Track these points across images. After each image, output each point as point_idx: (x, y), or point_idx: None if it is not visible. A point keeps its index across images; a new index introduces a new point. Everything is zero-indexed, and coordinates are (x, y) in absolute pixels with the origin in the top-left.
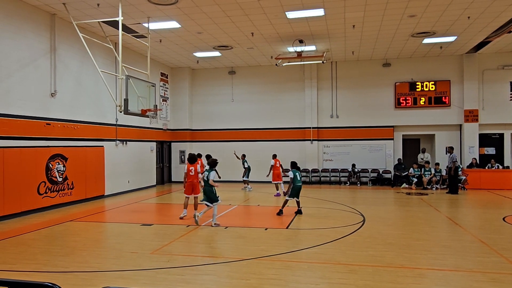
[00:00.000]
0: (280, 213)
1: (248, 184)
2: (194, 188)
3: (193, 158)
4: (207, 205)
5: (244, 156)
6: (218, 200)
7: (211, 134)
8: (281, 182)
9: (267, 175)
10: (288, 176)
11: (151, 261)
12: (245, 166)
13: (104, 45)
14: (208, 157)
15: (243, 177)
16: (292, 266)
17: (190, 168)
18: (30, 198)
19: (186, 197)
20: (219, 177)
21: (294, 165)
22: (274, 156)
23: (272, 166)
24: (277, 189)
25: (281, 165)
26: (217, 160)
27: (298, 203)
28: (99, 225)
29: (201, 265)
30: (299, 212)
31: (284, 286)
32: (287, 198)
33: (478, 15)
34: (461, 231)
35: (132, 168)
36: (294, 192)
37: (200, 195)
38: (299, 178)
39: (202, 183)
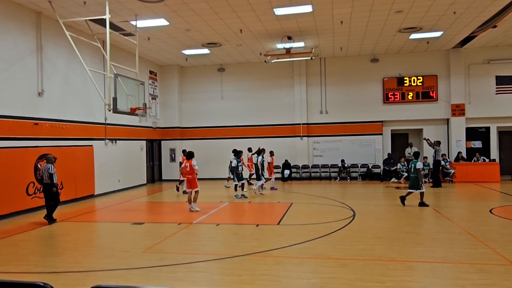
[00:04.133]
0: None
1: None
2: (191, 182)
3: (189, 155)
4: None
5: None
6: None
7: (201, 132)
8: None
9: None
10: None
11: (143, 260)
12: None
13: (91, 44)
14: (183, 151)
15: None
16: (283, 261)
17: (186, 164)
18: (19, 199)
19: (189, 191)
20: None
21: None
22: (272, 153)
23: (269, 163)
24: (273, 183)
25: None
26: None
27: None
28: (90, 225)
29: (193, 263)
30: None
31: (276, 281)
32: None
33: (463, 10)
34: (449, 223)
35: (122, 167)
36: None
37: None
38: None
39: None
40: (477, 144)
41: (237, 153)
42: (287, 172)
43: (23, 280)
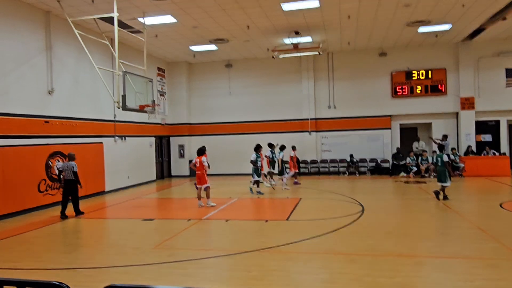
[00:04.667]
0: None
1: (272, 178)
2: (200, 179)
3: (199, 151)
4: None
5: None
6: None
7: (209, 128)
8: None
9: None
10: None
11: (154, 256)
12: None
13: (100, 42)
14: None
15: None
16: (293, 257)
17: (196, 160)
18: (31, 196)
19: (198, 188)
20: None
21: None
22: (294, 148)
23: (292, 157)
24: (296, 178)
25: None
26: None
27: None
28: (101, 222)
29: (203, 259)
30: None
31: (285, 277)
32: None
33: (472, 2)
34: (459, 218)
35: (132, 163)
36: None
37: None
38: None
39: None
40: (487, 137)
41: (257, 148)
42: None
43: (40, 280)
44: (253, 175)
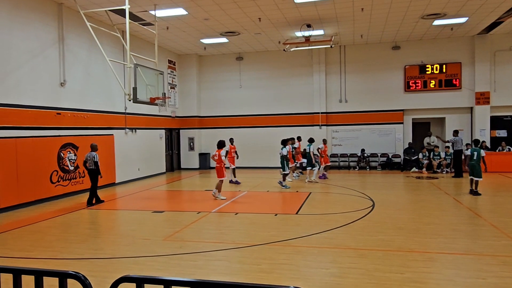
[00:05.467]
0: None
1: (294, 171)
2: (218, 171)
3: (219, 144)
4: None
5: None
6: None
7: (219, 121)
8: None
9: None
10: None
11: (164, 248)
12: (284, 154)
13: (111, 34)
14: (231, 140)
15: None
16: (302, 251)
17: (215, 153)
18: (43, 187)
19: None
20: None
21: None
22: (325, 141)
23: (322, 150)
24: (325, 171)
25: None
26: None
27: None
28: (112, 213)
29: (212, 251)
30: None
31: (295, 270)
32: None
33: None
34: (471, 214)
35: (142, 155)
36: None
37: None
38: None
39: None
40: (502, 133)
41: (285, 142)
42: (305, 161)
43: (55, 269)
44: (283, 168)
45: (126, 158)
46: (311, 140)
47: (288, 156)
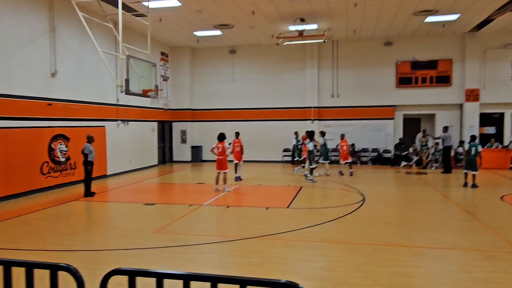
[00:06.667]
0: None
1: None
2: (222, 164)
3: (221, 136)
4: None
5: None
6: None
7: (212, 114)
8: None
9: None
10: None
11: (155, 240)
12: (310, 149)
13: (104, 25)
14: (237, 133)
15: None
16: (292, 244)
17: (218, 146)
18: (34, 178)
19: (217, 172)
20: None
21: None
22: (343, 137)
23: (341, 145)
24: (350, 168)
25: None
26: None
27: None
28: (103, 205)
29: (204, 244)
30: None
31: (285, 264)
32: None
33: None
34: (458, 210)
35: (134, 148)
36: None
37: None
38: None
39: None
40: (491, 130)
41: (311, 135)
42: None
43: (46, 261)
44: (310, 162)
45: (118, 150)
46: (322, 133)
47: (306, 150)
